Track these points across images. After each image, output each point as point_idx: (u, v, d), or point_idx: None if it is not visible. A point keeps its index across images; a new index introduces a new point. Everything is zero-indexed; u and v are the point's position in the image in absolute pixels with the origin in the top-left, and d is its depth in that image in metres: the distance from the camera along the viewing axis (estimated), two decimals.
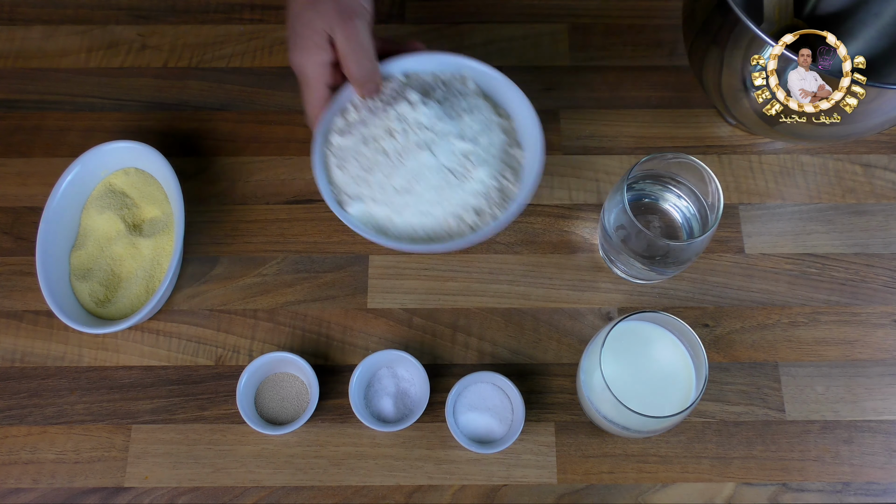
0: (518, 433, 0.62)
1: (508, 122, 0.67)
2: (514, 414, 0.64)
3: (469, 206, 0.63)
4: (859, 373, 0.67)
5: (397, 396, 0.65)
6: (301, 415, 0.63)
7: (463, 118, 0.64)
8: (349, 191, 0.64)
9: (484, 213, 0.64)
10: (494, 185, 0.64)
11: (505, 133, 0.66)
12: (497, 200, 0.64)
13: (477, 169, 0.63)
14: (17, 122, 0.76)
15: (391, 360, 0.65)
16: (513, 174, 0.65)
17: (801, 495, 0.63)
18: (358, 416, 0.62)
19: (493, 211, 0.64)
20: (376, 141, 0.63)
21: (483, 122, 0.65)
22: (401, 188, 0.62)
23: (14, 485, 0.64)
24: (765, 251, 0.71)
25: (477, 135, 0.64)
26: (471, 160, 0.63)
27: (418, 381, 0.65)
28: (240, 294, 0.70)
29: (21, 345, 0.68)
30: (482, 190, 0.63)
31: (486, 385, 0.65)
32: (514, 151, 0.66)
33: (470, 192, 0.63)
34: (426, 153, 0.62)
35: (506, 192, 0.64)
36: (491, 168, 0.64)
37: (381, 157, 0.62)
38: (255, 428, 0.62)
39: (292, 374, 0.66)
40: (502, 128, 0.67)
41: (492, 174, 0.64)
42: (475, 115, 0.65)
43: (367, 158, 0.63)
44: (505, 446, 0.62)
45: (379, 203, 0.63)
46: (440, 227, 0.64)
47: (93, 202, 0.70)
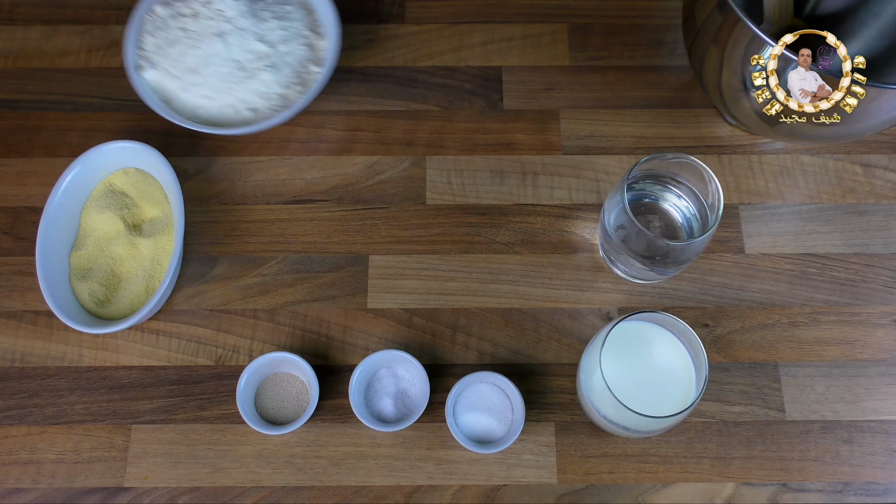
0: (518, 433, 0.62)
1: (320, 41, 0.73)
2: (514, 414, 0.64)
3: (248, 103, 0.69)
4: (859, 373, 0.67)
5: (397, 396, 0.65)
6: (301, 415, 0.63)
7: (269, 22, 0.69)
8: (152, 58, 0.71)
9: (260, 113, 0.70)
10: (278, 92, 0.70)
11: (310, 49, 0.72)
12: (277, 106, 0.70)
13: (266, 72, 0.69)
14: (17, 122, 0.76)
15: (391, 360, 0.65)
16: (302, 87, 0.71)
17: (801, 495, 0.63)
18: (358, 416, 0.62)
19: (270, 113, 0.70)
20: (183, 18, 0.69)
21: (290, 31, 0.70)
22: (191, 68, 0.68)
23: (14, 485, 0.64)
24: (765, 251, 0.71)
25: (278, 41, 0.70)
26: (263, 62, 0.68)
27: (418, 381, 0.65)
28: (240, 294, 0.70)
29: (21, 345, 0.68)
30: (265, 91, 0.70)
31: (486, 385, 0.65)
32: (312, 68, 0.72)
33: (253, 90, 0.69)
34: (219, 42, 0.68)
35: (288, 100, 0.70)
36: (281, 75, 0.70)
37: (182, 34, 0.69)
38: (255, 428, 0.62)
39: (292, 374, 0.66)
40: (309, 43, 0.72)
41: (280, 81, 0.70)
42: (284, 22, 0.70)
43: (172, 32, 0.69)
44: (505, 446, 0.62)
45: (172, 76, 0.70)
46: (218, 114, 0.70)
47: (93, 202, 0.70)
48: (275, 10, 0.72)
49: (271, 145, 0.75)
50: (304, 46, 0.72)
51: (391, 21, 0.81)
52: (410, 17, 0.81)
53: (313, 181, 0.74)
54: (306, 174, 0.74)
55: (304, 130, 0.76)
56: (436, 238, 0.72)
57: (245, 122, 0.71)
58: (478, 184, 0.74)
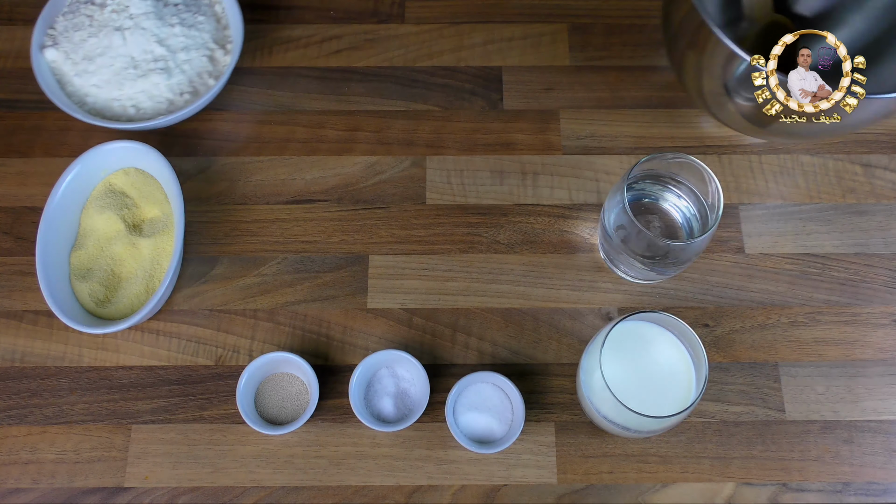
0: (518, 433, 0.62)
1: (225, 56, 0.74)
2: (514, 414, 0.64)
3: (135, 101, 0.70)
4: (859, 373, 0.67)
5: (397, 396, 0.65)
6: (301, 415, 0.63)
7: (174, 28, 0.70)
8: (58, 38, 0.72)
9: (144, 112, 0.71)
10: (167, 97, 0.71)
11: (211, 61, 0.73)
12: (162, 110, 0.71)
13: (158, 74, 0.69)
14: (17, 122, 0.76)
15: (391, 360, 0.65)
16: (192, 97, 0.72)
17: (801, 495, 0.63)
18: (358, 416, 0.62)
19: (152, 115, 0.71)
20: (92, 6, 0.71)
21: (193, 40, 0.71)
22: (88, 55, 0.70)
23: (14, 485, 0.64)
24: (765, 251, 0.71)
25: (178, 48, 0.71)
26: (157, 64, 0.69)
27: (418, 381, 0.65)
28: (240, 294, 0.70)
29: (21, 345, 0.68)
30: (154, 93, 0.70)
31: (486, 385, 0.65)
32: (209, 81, 0.73)
33: (142, 90, 0.70)
34: (118, 36, 0.69)
35: (175, 106, 0.71)
36: (173, 81, 0.71)
37: (86, 21, 0.70)
38: (256, 428, 0.62)
39: (292, 374, 0.66)
40: (211, 56, 0.72)
41: (171, 86, 0.71)
42: (190, 31, 0.71)
43: (79, 17, 0.71)
44: (505, 446, 0.62)
45: (70, 60, 0.71)
46: (104, 106, 0.71)
47: (93, 202, 0.70)
48: (184, 17, 0.73)
49: (271, 145, 0.75)
50: (206, 58, 0.73)
51: (391, 21, 0.81)
52: (410, 17, 0.81)
53: (313, 181, 0.74)
54: (306, 174, 0.74)
55: (304, 130, 0.76)
56: (436, 238, 0.72)
57: (128, 119, 0.72)
58: (478, 184, 0.74)
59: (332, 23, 0.81)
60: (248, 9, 0.81)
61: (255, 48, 0.80)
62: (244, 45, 0.79)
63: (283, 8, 0.82)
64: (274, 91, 0.78)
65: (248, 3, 0.82)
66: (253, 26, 0.80)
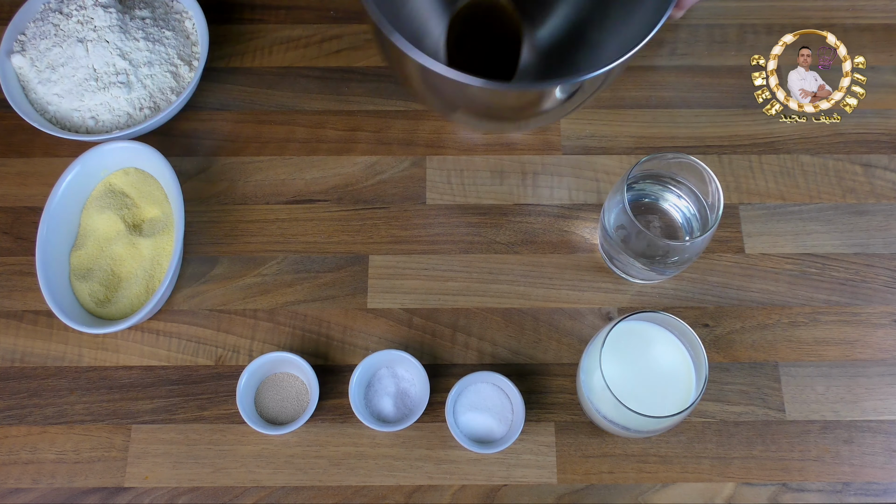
0: (518, 433, 0.62)
1: (191, 73, 0.73)
2: (513, 414, 0.64)
3: (94, 112, 0.71)
4: (859, 373, 0.67)
5: (397, 396, 0.65)
6: (301, 415, 0.63)
7: (138, 42, 0.70)
8: (27, 45, 0.72)
9: (102, 125, 0.71)
10: (126, 110, 0.71)
11: (175, 79, 0.73)
12: (121, 123, 0.71)
13: (119, 87, 0.70)
14: (17, 121, 0.76)
15: (391, 359, 0.65)
16: (152, 112, 0.72)
17: (801, 495, 0.63)
18: (358, 416, 0.62)
19: (111, 128, 0.71)
20: (59, 15, 0.71)
21: (157, 55, 0.71)
22: (51, 64, 0.70)
23: (14, 485, 0.64)
24: (765, 251, 0.71)
25: (141, 62, 0.71)
26: (118, 77, 0.69)
27: (418, 380, 0.65)
28: (240, 294, 0.70)
29: (21, 345, 0.68)
30: (114, 106, 0.71)
31: (486, 385, 0.65)
32: (171, 97, 0.73)
33: (102, 102, 0.70)
34: (81, 47, 0.69)
35: (134, 120, 0.71)
36: (133, 95, 0.71)
37: (52, 29, 0.71)
38: (256, 428, 0.62)
39: (292, 374, 0.66)
40: (176, 73, 0.73)
41: (131, 100, 0.71)
42: (155, 46, 0.71)
43: (46, 25, 0.72)
44: (505, 446, 0.62)
45: (35, 67, 0.71)
46: (64, 116, 0.72)
47: (93, 202, 0.70)
48: (150, 31, 0.72)
49: (271, 145, 0.75)
50: (169, 74, 0.73)
51: None
52: None
53: (313, 181, 0.74)
54: (306, 174, 0.74)
55: (303, 130, 0.76)
56: (436, 238, 0.72)
57: (86, 131, 0.72)
58: (478, 184, 0.74)
59: (332, 23, 0.81)
60: (248, 9, 0.81)
61: (255, 48, 0.80)
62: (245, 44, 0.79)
63: (283, 8, 0.82)
64: (274, 91, 0.78)
65: (247, 3, 0.82)
66: (253, 26, 0.81)
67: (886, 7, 0.80)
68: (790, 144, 0.75)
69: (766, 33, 0.79)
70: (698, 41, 0.80)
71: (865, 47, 0.78)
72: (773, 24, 0.79)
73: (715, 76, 0.78)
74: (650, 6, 0.59)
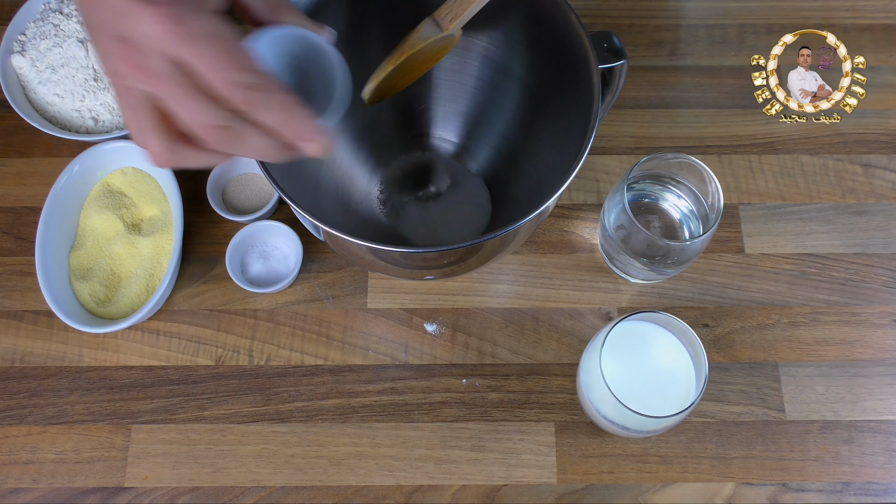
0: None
1: None
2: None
3: (94, 112, 0.71)
4: (859, 373, 0.67)
5: (266, 261, 0.69)
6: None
7: None
8: (27, 45, 0.73)
9: (102, 125, 0.71)
10: None
11: None
12: (122, 123, 0.71)
13: None
14: (17, 121, 0.76)
15: (265, 230, 0.69)
16: None
17: (801, 495, 0.63)
18: (234, 280, 0.67)
19: (111, 128, 0.72)
20: (59, 15, 0.72)
21: None
22: (51, 64, 0.71)
23: (14, 485, 0.64)
24: (765, 251, 0.71)
25: None
26: None
27: (290, 249, 0.69)
28: (240, 294, 0.70)
29: (21, 345, 0.68)
30: (115, 106, 0.71)
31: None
32: None
33: (102, 102, 0.71)
34: (81, 48, 0.70)
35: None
36: None
37: (52, 30, 0.71)
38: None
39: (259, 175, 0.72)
40: None
41: None
42: None
43: (46, 26, 0.73)
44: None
45: (35, 68, 0.72)
46: (65, 116, 0.72)
47: (91, 202, 0.70)
48: None
49: None
50: None
51: None
52: None
53: None
54: None
55: None
56: None
57: (86, 131, 0.72)
58: None
59: None
60: None
61: None
62: None
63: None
64: None
65: None
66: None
67: (886, 7, 0.81)
68: (790, 144, 0.75)
69: (766, 33, 0.79)
70: (698, 41, 0.80)
71: (865, 47, 0.78)
72: (773, 24, 0.79)
73: (715, 76, 0.78)
74: (575, 134, 0.55)
